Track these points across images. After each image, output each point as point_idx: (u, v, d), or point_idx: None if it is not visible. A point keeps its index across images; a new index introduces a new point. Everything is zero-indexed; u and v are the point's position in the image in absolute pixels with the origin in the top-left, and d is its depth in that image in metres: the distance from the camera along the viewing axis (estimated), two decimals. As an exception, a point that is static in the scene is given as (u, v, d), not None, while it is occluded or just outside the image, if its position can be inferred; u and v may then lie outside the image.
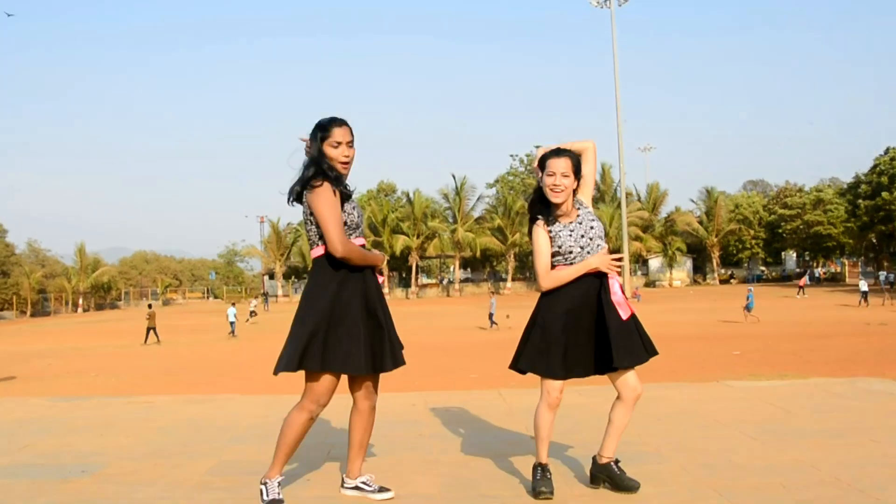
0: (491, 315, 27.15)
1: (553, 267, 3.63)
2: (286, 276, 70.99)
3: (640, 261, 66.44)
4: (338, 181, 3.35)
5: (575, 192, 3.66)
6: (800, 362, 13.30)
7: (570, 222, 3.64)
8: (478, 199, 66.35)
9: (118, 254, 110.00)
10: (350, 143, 3.40)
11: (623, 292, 3.64)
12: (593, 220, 3.66)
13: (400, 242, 62.42)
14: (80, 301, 71.87)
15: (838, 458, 4.01)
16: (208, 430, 5.46)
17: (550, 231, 3.66)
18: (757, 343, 18.13)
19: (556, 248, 3.62)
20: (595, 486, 3.64)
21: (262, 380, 13.76)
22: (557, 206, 3.61)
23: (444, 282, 72.11)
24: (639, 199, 67.31)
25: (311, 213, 3.37)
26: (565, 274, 3.56)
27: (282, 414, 5.89)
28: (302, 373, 3.43)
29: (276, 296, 68.10)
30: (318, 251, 3.40)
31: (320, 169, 3.35)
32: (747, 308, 25.80)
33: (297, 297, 70.43)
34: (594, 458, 3.68)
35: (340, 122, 3.40)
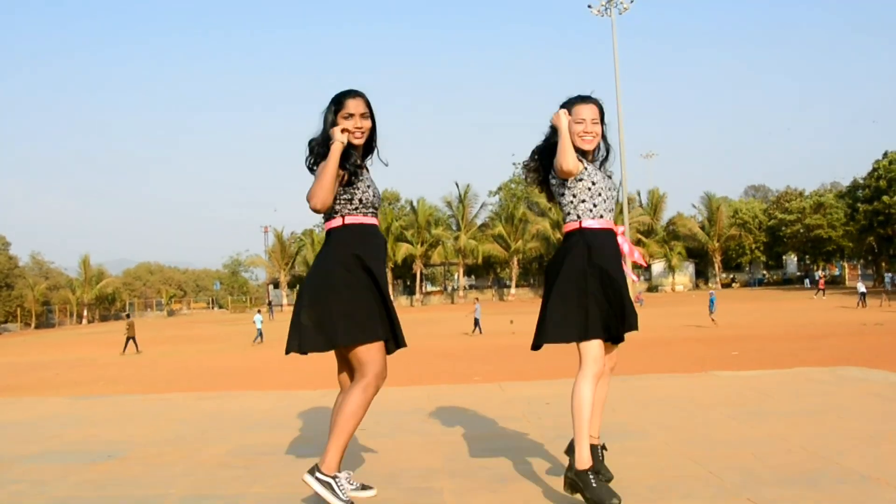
0: (476, 321, 27.65)
1: (579, 212, 3.36)
2: (291, 286, 71.34)
3: (642, 266, 66.76)
4: (345, 157, 3.28)
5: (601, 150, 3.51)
6: (796, 361, 13.59)
7: (601, 169, 3.49)
8: (481, 206, 67.02)
9: (122, 265, 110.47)
10: (364, 115, 3.36)
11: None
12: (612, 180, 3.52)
13: (403, 250, 62.89)
14: (85, 313, 72.35)
15: (808, 432, 4.34)
16: (223, 421, 5.80)
17: (585, 166, 3.39)
18: (755, 344, 18.46)
19: (589, 184, 3.36)
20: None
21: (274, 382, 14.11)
22: (586, 155, 3.41)
23: (449, 289, 72.46)
24: (641, 205, 67.75)
25: None
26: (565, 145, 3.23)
27: (293, 406, 6.26)
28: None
29: (281, 305, 68.45)
30: (332, 223, 3.37)
31: (327, 143, 3.31)
32: (711, 310, 26.62)
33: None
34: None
35: (354, 94, 3.38)
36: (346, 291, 3.23)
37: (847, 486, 3.29)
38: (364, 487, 3.52)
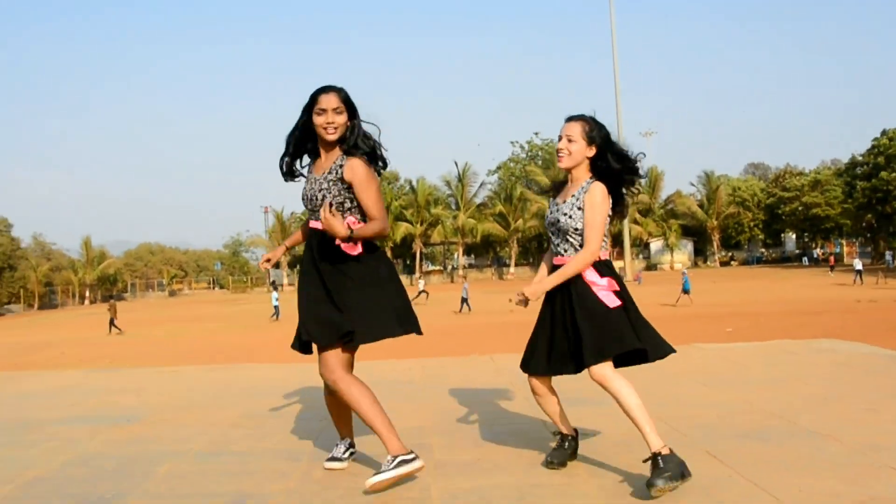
0: (465, 299, 27.96)
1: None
2: (291, 266, 71.86)
3: (640, 244, 67.23)
4: (294, 154, 3.57)
5: (604, 169, 3.30)
6: (787, 338, 14.01)
7: (564, 202, 3.36)
8: (480, 185, 67.35)
9: (123, 246, 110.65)
10: (337, 110, 3.38)
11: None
12: (572, 208, 3.28)
13: (402, 229, 63.29)
14: (87, 293, 72.87)
15: (772, 396, 4.75)
16: (234, 389, 6.21)
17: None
18: (749, 321, 18.86)
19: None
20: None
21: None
22: (566, 175, 3.38)
23: (448, 268, 72.93)
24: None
25: None
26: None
27: (300, 377, 6.66)
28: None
29: (282, 285, 68.96)
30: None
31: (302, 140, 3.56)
32: (684, 290, 26.86)
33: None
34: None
35: (328, 90, 3.42)
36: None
37: (795, 440, 3.70)
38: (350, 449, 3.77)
